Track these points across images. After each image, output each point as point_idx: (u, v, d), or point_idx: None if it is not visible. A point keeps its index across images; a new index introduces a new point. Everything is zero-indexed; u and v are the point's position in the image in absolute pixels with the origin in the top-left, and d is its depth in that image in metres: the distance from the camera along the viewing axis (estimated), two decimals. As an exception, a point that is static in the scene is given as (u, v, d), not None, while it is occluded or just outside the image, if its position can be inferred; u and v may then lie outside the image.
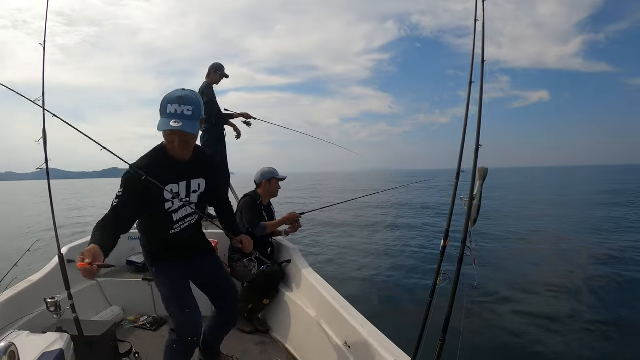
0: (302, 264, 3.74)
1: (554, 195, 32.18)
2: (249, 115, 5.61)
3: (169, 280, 2.37)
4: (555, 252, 10.53)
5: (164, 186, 2.17)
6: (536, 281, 7.80)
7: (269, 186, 4.07)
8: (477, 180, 2.01)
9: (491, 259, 9.47)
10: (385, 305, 6.23)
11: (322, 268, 8.01)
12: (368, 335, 2.46)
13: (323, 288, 3.25)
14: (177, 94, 2.06)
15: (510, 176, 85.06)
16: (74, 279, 3.57)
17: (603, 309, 6.21)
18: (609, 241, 11.55)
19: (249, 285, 3.58)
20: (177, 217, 2.31)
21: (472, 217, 2.00)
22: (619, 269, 8.38)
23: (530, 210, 21.05)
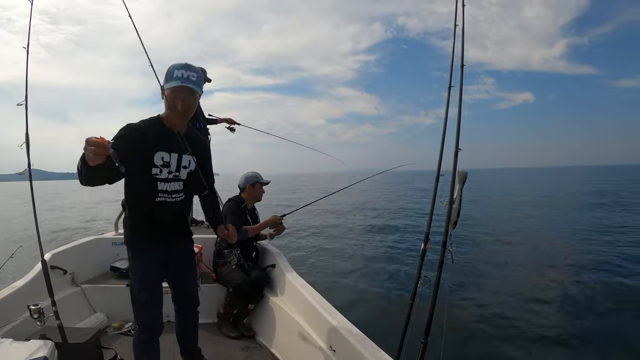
0: (286, 269, 3.75)
1: (538, 196, 32.55)
2: (232, 120, 5.65)
3: (142, 272, 2.37)
4: (537, 254, 10.68)
5: (156, 152, 2.22)
6: (518, 283, 7.93)
7: (252, 190, 4.08)
8: (457, 183, 2.05)
9: (473, 261, 9.60)
10: (369, 309, 6.26)
11: (303, 272, 8.03)
12: (353, 339, 2.46)
13: (307, 292, 3.26)
14: (182, 63, 2.19)
15: (495, 177, 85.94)
16: (57, 285, 3.55)
17: (583, 311, 6.33)
18: (591, 243, 11.79)
19: (234, 290, 3.59)
20: (163, 187, 2.30)
21: (452, 220, 2.04)
22: (600, 273, 8.54)
23: (513, 212, 21.32)
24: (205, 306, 3.95)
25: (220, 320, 3.77)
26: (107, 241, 4.45)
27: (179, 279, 2.62)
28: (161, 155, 2.23)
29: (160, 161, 2.23)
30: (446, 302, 2.12)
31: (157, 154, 2.22)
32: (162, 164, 2.24)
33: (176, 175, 2.33)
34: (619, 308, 6.38)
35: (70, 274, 3.87)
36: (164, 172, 2.27)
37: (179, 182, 2.37)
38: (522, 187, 45.55)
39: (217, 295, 3.87)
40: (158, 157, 2.22)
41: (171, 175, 2.30)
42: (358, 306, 6.41)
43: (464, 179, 2.03)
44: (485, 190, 37.90)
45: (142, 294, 2.33)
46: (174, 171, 2.31)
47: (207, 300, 3.93)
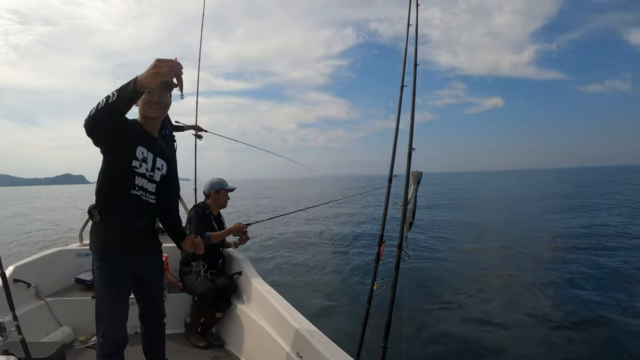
0: (253, 276, 3.72)
1: (504, 198, 33.12)
2: (200, 128, 5.66)
3: (109, 282, 2.27)
4: (497, 255, 10.82)
5: (138, 145, 2.22)
6: (477, 284, 8.06)
7: (217, 197, 4.07)
8: (412, 184, 2.03)
9: (433, 262, 9.72)
10: (333, 314, 6.24)
11: (268, 278, 8.01)
12: (318, 344, 2.45)
13: (274, 299, 3.24)
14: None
15: (462, 181, 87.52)
16: (21, 299, 3.47)
17: (542, 310, 6.45)
18: (552, 242, 12.25)
19: (200, 299, 3.55)
20: (139, 182, 2.27)
21: (407, 221, 2.01)
22: (560, 270, 8.81)
23: (476, 213, 21.69)
24: (172, 316, 3.89)
25: (188, 330, 3.72)
26: (71, 253, 4.37)
27: (147, 291, 2.55)
28: (142, 150, 2.23)
29: (140, 155, 2.23)
30: (406, 304, 2.10)
31: (139, 147, 2.22)
32: (142, 158, 2.24)
33: (151, 175, 2.32)
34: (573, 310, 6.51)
35: (34, 287, 3.79)
36: (142, 167, 2.26)
37: (153, 184, 2.35)
38: (487, 190, 46.28)
39: (184, 304, 3.83)
40: (139, 151, 2.22)
41: (147, 174, 2.29)
42: (323, 312, 6.36)
43: (419, 179, 2.01)
44: (450, 194, 38.65)
45: (107, 306, 2.24)
46: (149, 170, 2.30)
47: (174, 310, 3.87)
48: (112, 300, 2.25)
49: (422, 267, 9.07)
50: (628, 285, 7.68)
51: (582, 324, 5.80)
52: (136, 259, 2.36)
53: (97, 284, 2.29)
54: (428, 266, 9.35)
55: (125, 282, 2.33)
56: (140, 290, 2.51)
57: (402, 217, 2.00)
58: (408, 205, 2.00)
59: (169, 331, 3.88)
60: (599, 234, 13.30)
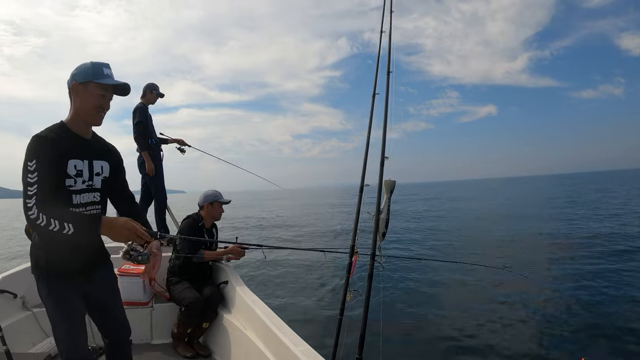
0: (239, 285, 3.75)
1: (493, 206, 32.97)
2: (183, 142, 5.78)
3: (62, 305, 2.12)
4: (477, 265, 10.79)
5: (68, 160, 2.05)
6: (455, 293, 8.09)
7: (211, 209, 4.10)
8: (384, 193, 2.04)
9: (407, 272, 9.69)
10: (304, 325, 6.24)
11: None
12: (302, 355, 2.46)
13: (260, 309, 3.25)
14: (103, 62, 2.15)
15: (456, 190, 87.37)
16: (7, 310, 3.50)
17: (523, 320, 6.45)
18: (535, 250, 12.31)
19: (187, 309, 3.58)
20: (78, 200, 2.11)
21: (380, 231, 2.02)
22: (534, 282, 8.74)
23: (460, 222, 21.72)
24: (159, 326, 3.93)
25: (175, 341, 3.75)
26: None
27: (103, 310, 2.37)
28: (74, 163, 2.07)
29: (73, 170, 2.06)
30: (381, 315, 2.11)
31: (70, 162, 2.05)
32: (75, 173, 2.07)
33: (90, 184, 2.16)
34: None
35: (20, 297, 3.83)
36: (78, 183, 2.10)
37: (95, 193, 2.20)
38: (478, 199, 46.23)
39: (171, 314, 3.87)
40: (71, 166, 2.05)
41: (85, 185, 2.13)
42: (296, 324, 6.38)
43: (392, 188, 2.02)
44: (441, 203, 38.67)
45: (61, 328, 2.09)
46: (87, 180, 2.14)
47: (162, 320, 3.91)
48: (64, 317, 2.12)
49: (397, 277, 9.08)
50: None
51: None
52: (82, 276, 2.22)
53: (47, 307, 2.14)
54: (403, 276, 9.37)
55: (75, 300, 2.16)
56: (95, 311, 2.35)
57: (375, 226, 2.01)
58: (381, 215, 2.01)
59: (156, 341, 3.93)
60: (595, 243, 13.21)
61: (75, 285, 2.17)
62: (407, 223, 20.89)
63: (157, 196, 5.44)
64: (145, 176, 5.32)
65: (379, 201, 2.05)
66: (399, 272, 9.51)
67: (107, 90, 2.13)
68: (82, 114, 2.13)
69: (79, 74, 2.10)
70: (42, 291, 2.14)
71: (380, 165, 2.00)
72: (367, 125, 2.28)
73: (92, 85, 2.09)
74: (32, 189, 1.85)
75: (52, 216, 1.81)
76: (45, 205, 1.84)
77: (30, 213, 1.81)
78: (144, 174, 5.29)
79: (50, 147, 1.96)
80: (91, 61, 2.13)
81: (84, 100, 2.10)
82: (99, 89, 2.11)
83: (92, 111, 2.13)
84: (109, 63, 2.16)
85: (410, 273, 9.60)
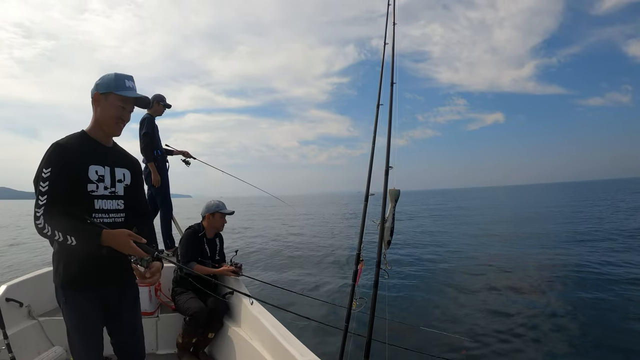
0: (244, 295, 3.76)
1: (501, 214, 32.90)
2: (188, 154, 5.87)
3: (79, 316, 2.12)
4: (485, 273, 10.72)
5: (89, 165, 2.09)
6: (462, 300, 8.06)
7: (212, 220, 4.15)
8: (389, 202, 2.08)
9: (414, 279, 9.67)
10: (310, 332, 6.24)
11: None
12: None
13: (266, 319, 3.27)
14: (127, 74, 2.19)
15: (464, 197, 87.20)
16: (13, 318, 3.54)
17: (534, 329, 6.41)
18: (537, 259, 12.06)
19: (191, 319, 3.61)
20: (100, 205, 2.13)
21: (386, 239, 2.06)
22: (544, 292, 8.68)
23: (472, 230, 21.61)
24: (164, 336, 3.96)
25: (180, 351, 3.78)
26: None
27: (123, 331, 2.35)
28: (95, 169, 2.10)
29: (95, 175, 2.09)
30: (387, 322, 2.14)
31: (91, 167, 2.09)
32: (97, 179, 2.10)
33: (112, 191, 2.18)
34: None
35: (26, 306, 3.86)
36: (100, 188, 2.12)
37: (118, 200, 2.22)
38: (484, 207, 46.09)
39: (176, 324, 3.90)
40: (92, 171, 2.09)
41: (107, 192, 2.15)
42: (301, 332, 6.38)
43: (396, 197, 2.06)
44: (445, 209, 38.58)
45: (78, 342, 2.11)
46: (109, 187, 2.17)
47: (167, 330, 3.94)
48: (82, 337, 2.13)
49: (403, 285, 9.07)
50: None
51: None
52: (105, 291, 2.21)
53: (66, 318, 2.14)
54: (409, 283, 9.36)
55: (92, 312, 2.16)
56: (115, 329, 2.33)
57: (380, 235, 2.05)
58: (386, 224, 2.05)
59: (161, 351, 3.96)
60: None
61: (96, 296, 2.17)
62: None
63: (162, 207, 5.50)
64: (151, 187, 5.38)
65: (384, 210, 2.09)
66: (406, 279, 9.50)
67: (127, 102, 2.18)
68: (102, 123, 2.18)
69: (102, 84, 2.15)
70: (60, 299, 2.15)
71: (384, 174, 2.05)
72: (377, 133, 2.33)
73: (112, 96, 2.14)
74: (43, 199, 1.91)
75: (56, 228, 1.87)
76: (52, 215, 1.90)
77: (38, 222, 1.88)
78: (149, 185, 5.35)
79: (69, 154, 2.01)
80: (115, 72, 2.17)
81: (104, 110, 2.15)
82: (119, 100, 2.15)
83: (111, 121, 2.18)
84: (132, 75, 2.21)
85: (416, 280, 9.60)
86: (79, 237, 1.88)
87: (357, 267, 2.20)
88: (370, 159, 2.22)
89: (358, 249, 2.28)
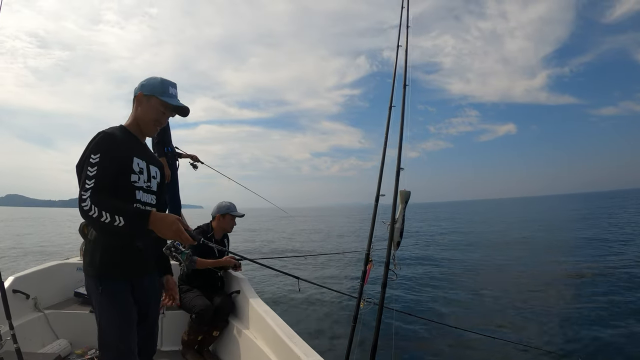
0: (251, 295, 3.81)
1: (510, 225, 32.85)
2: (196, 158, 6.00)
3: (117, 307, 2.10)
4: (491, 279, 10.70)
5: (133, 157, 2.16)
6: (471, 306, 8.04)
7: (222, 221, 4.21)
8: (400, 203, 2.12)
9: (422, 282, 9.69)
10: (317, 331, 6.26)
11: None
12: None
13: (271, 319, 3.31)
14: (172, 81, 2.28)
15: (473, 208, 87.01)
16: (19, 310, 3.60)
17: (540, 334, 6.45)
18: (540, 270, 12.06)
19: (197, 317, 3.66)
20: (140, 196, 2.19)
21: (395, 240, 2.10)
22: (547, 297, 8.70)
23: (478, 238, 21.55)
24: (169, 333, 4.01)
25: (184, 348, 3.83)
26: (71, 266, 4.51)
27: (147, 320, 2.32)
28: (137, 161, 2.18)
29: (137, 167, 2.17)
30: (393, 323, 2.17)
31: (135, 159, 2.17)
32: (139, 170, 2.18)
33: (149, 185, 2.26)
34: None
35: (33, 298, 3.93)
36: (141, 180, 2.19)
37: (152, 195, 2.29)
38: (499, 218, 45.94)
39: (181, 321, 3.95)
40: (135, 163, 2.16)
41: (145, 185, 2.22)
42: (309, 329, 6.39)
43: (407, 198, 2.09)
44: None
45: (113, 327, 2.06)
46: (147, 181, 2.24)
47: (172, 327, 3.99)
48: (122, 326, 2.08)
49: (411, 286, 9.09)
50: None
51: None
52: (137, 282, 2.23)
53: (101, 310, 2.09)
54: (417, 285, 9.39)
55: (130, 302, 2.15)
56: (139, 319, 2.23)
57: (390, 236, 2.09)
58: (396, 225, 2.09)
59: (166, 348, 4.01)
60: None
61: (130, 286, 2.17)
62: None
63: (171, 204, 5.56)
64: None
65: (394, 211, 2.13)
66: (414, 280, 9.51)
67: (167, 108, 2.26)
68: (140, 122, 2.26)
69: (147, 86, 2.23)
70: (93, 290, 2.11)
71: (395, 175, 2.09)
72: (388, 145, 2.36)
73: (155, 100, 2.22)
74: (90, 183, 1.91)
75: (103, 208, 1.85)
76: (100, 198, 1.89)
77: (84, 205, 1.86)
78: None
79: (118, 143, 2.08)
80: (161, 77, 2.27)
81: (145, 111, 2.24)
82: (161, 105, 2.23)
83: (150, 123, 2.26)
84: (176, 83, 2.29)
85: (425, 280, 9.62)
86: (128, 217, 1.87)
87: (365, 267, 2.24)
88: (381, 160, 2.25)
89: (367, 249, 2.32)
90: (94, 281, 2.09)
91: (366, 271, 2.27)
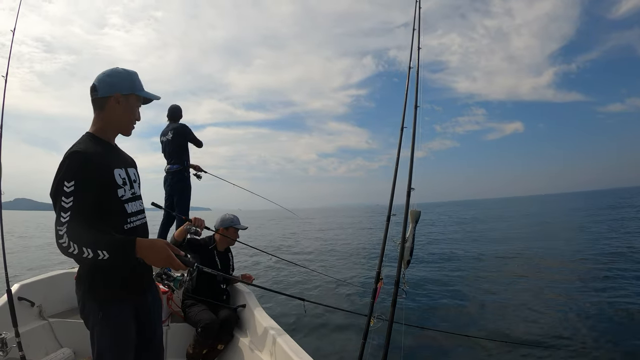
0: (256, 309, 3.85)
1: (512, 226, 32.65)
2: (200, 168, 6.16)
3: (116, 333, 1.99)
4: (500, 290, 10.63)
5: (113, 169, 1.99)
6: (480, 321, 7.96)
7: (226, 234, 4.29)
8: (410, 222, 2.19)
9: (431, 297, 9.65)
10: (327, 347, 6.25)
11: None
12: None
13: (277, 334, 3.34)
14: (132, 70, 2.11)
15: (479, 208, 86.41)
16: (24, 317, 3.65)
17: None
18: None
19: (203, 331, 3.70)
20: (131, 209, 2.05)
21: (405, 259, 2.16)
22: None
23: (484, 244, 21.43)
24: (174, 346, 4.04)
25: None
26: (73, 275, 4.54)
27: (149, 350, 2.21)
28: (118, 173, 2.01)
29: (120, 179, 2.01)
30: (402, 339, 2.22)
31: (115, 171, 1.99)
32: (122, 182, 2.02)
33: (133, 192, 2.11)
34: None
35: (37, 306, 3.97)
36: (127, 192, 2.04)
37: (139, 201, 2.15)
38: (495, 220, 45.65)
39: (186, 334, 3.98)
40: (117, 175, 2.00)
41: (130, 194, 2.07)
42: (318, 345, 6.39)
43: (417, 218, 2.16)
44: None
45: (109, 355, 1.94)
46: (130, 188, 2.09)
47: (176, 340, 4.02)
48: (121, 353, 1.98)
49: (421, 305, 9.06)
50: None
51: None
52: (140, 302, 2.14)
53: (99, 337, 1.96)
54: (427, 302, 9.36)
55: (129, 327, 2.04)
56: (141, 340, 2.14)
57: (400, 254, 2.15)
58: (406, 244, 2.15)
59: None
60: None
61: (130, 307, 2.07)
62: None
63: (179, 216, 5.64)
64: (176, 194, 5.68)
65: (405, 230, 2.20)
66: (425, 298, 9.47)
67: (140, 101, 2.15)
68: (119, 125, 2.10)
69: (122, 85, 2.05)
70: (92, 316, 1.98)
71: (406, 196, 2.15)
72: (395, 145, 2.40)
73: (133, 97, 2.08)
74: (66, 216, 1.73)
75: (83, 244, 1.70)
76: (78, 232, 1.72)
77: (62, 241, 1.71)
78: (176, 191, 5.64)
79: (94, 162, 1.87)
80: (124, 69, 2.10)
81: (125, 112, 2.07)
82: (139, 101, 2.13)
83: (130, 123, 2.12)
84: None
85: (436, 296, 9.57)
86: (111, 250, 1.72)
87: (376, 285, 2.29)
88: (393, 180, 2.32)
89: (378, 267, 2.38)
90: (93, 306, 1.98)
91: (377, 289, 2.33)
